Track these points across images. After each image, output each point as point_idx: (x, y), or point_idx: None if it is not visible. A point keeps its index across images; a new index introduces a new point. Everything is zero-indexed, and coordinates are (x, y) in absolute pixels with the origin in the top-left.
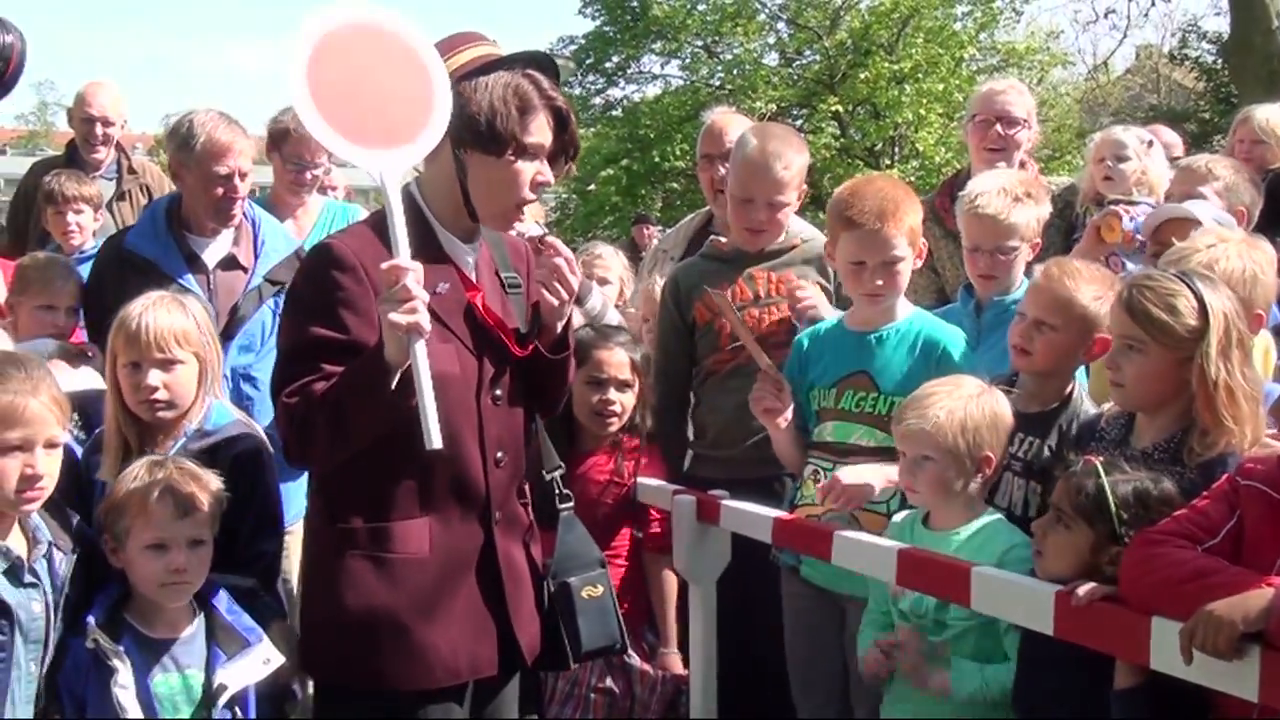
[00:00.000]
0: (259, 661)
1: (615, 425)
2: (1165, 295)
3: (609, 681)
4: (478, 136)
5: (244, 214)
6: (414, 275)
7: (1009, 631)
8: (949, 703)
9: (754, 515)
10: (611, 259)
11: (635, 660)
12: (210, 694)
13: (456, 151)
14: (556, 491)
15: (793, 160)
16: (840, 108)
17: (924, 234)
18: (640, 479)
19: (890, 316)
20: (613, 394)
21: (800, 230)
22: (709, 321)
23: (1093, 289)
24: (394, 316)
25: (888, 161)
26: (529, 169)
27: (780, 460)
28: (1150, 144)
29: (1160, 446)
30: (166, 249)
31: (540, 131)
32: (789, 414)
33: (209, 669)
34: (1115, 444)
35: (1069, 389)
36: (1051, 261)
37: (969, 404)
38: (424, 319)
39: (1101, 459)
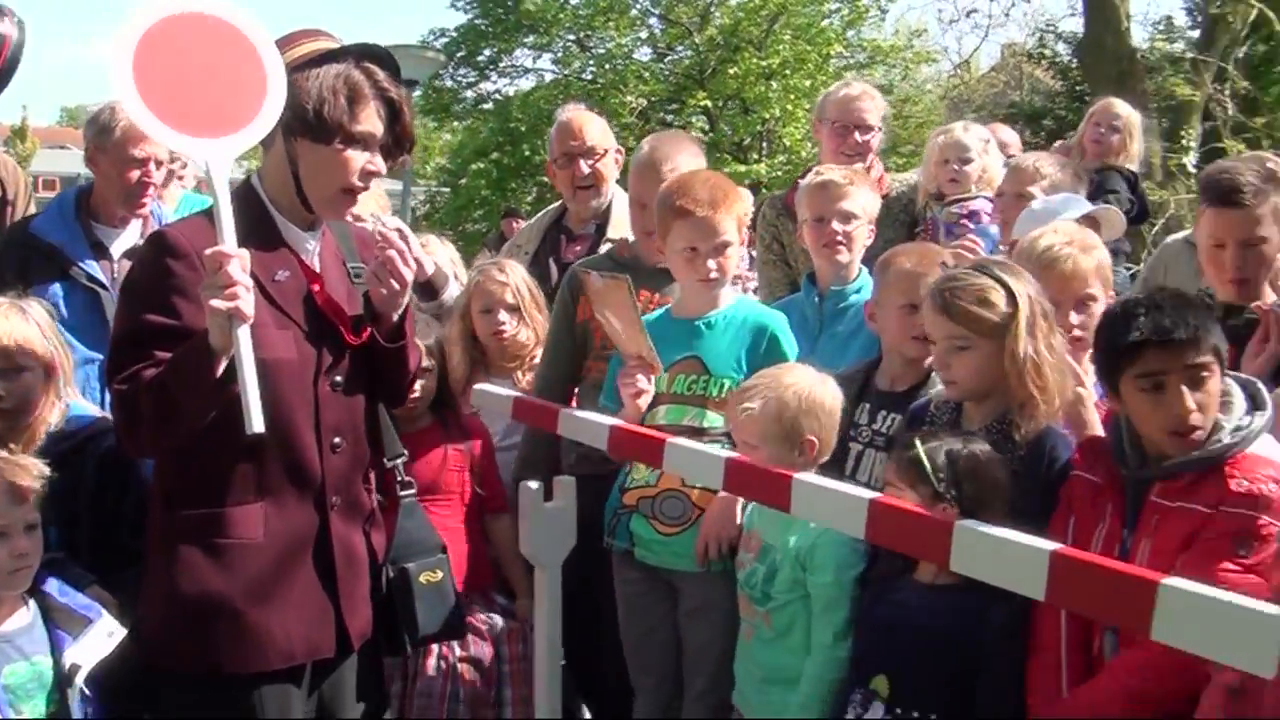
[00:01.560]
0: (104, 635)
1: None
2: (975, 291)
3: (474, 649)
4: (306, 125)
5: (151, 209)
6: (237, 262)
7: (826, 612)
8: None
9: (591, 423)
10: (438, 248)
11: (497, 619)
12: (65, 676)
13: (288, 140)
14: (399, 479)
15: (683, 163)
16: (709, 103)
17: (778, 229)
18: (478, 385)
19: (718, 303)
20: None
21: None
22: (585, 320)
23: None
24: (215, 302)
25: (755, 156)
26: (359, 158)
27: None
28: (988, 141)
29: (990, 429)
30: (73, 235)
31: (370, 121)
32: (650, 395)
33: (56, 652)
34: (947, 427)
35: (929, 367)
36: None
37: (785, 392)
38: (246, 305)
39: (921, 431)
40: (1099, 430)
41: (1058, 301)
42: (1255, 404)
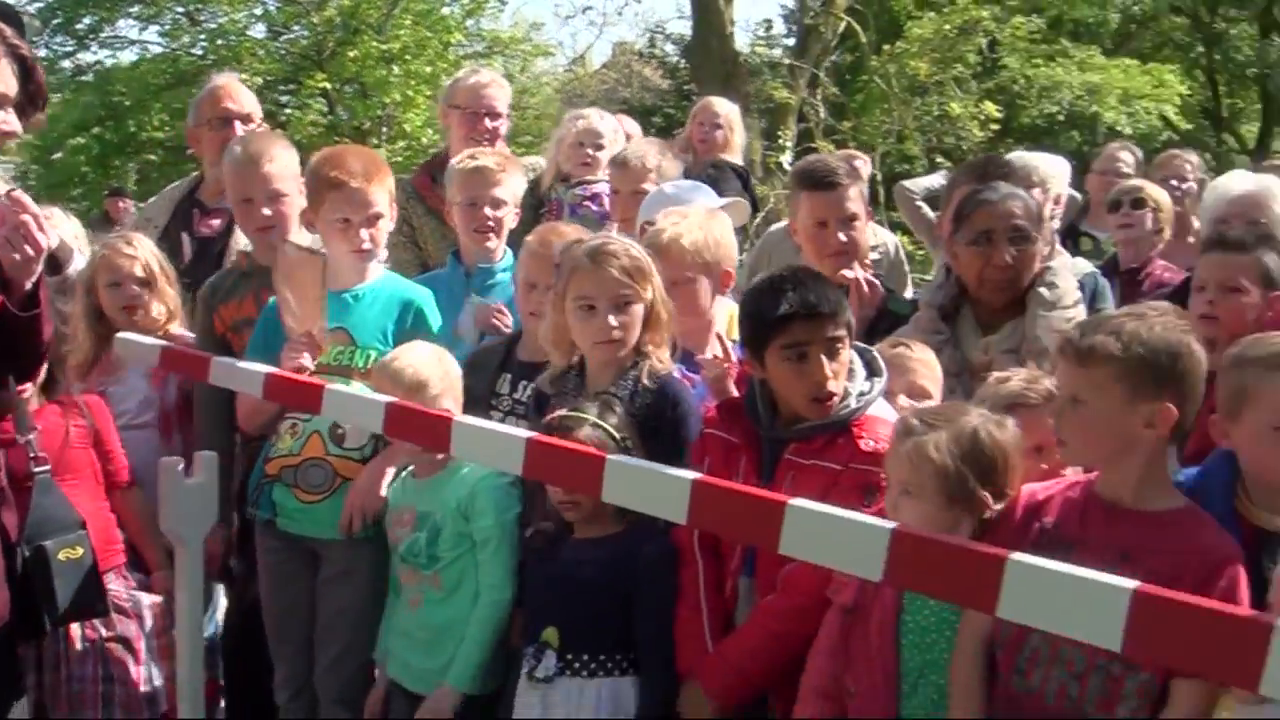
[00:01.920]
0: None
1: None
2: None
3: (120, 628)
4: None
5: None
6: None
7: (492, 553)
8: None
9: (246, 371)
10: (62, 222)
11: (141, 596)
12: None
13: None
14: (31, 455)
15: (279, 155)
16: (328, 85)
17: (408, 211)
18: (120, 334)
19: (366, 276)
20: None
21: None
22: (223, 333)
23: None
24: None
25: (375, 141)
26: None
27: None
28: (618, 131)
29: (617, 386)
30: None
31: (3, 79)
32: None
33: None
34: (576, 393)
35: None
36: None
37: (416, 359)
38: None
39: (564, 410)
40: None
41: (679, 279)
42: (872, 371)
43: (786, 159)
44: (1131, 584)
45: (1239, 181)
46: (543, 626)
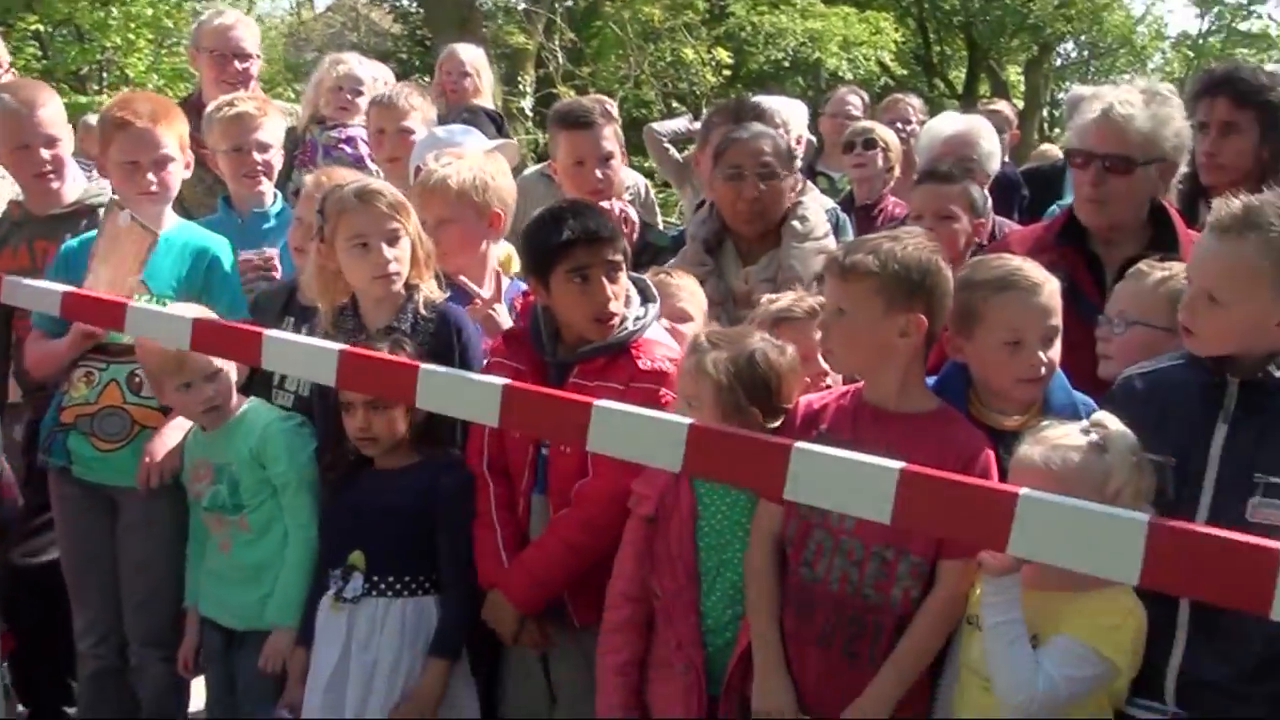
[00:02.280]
0: None
1: None
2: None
3: None
4: None
5: None
6: None
7: (292, 496)
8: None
9: (41, 290)
10: None
11: None
12: None
13: None
14: None
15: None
16: (41, 27)
17: None
18: None
19: (161, 223)
20: None
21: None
22: None
23: None
24: None
25: (96, 87)
26: None
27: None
28: (376, 79)
29: (397, 319)
30: None
31: None
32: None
33: None
34: (357, 331)
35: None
36: None
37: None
38: None
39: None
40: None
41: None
42: (646, 297)
43: (527, 104)
44: (898, 464)
45: (950, 123)
46: (347, 551)
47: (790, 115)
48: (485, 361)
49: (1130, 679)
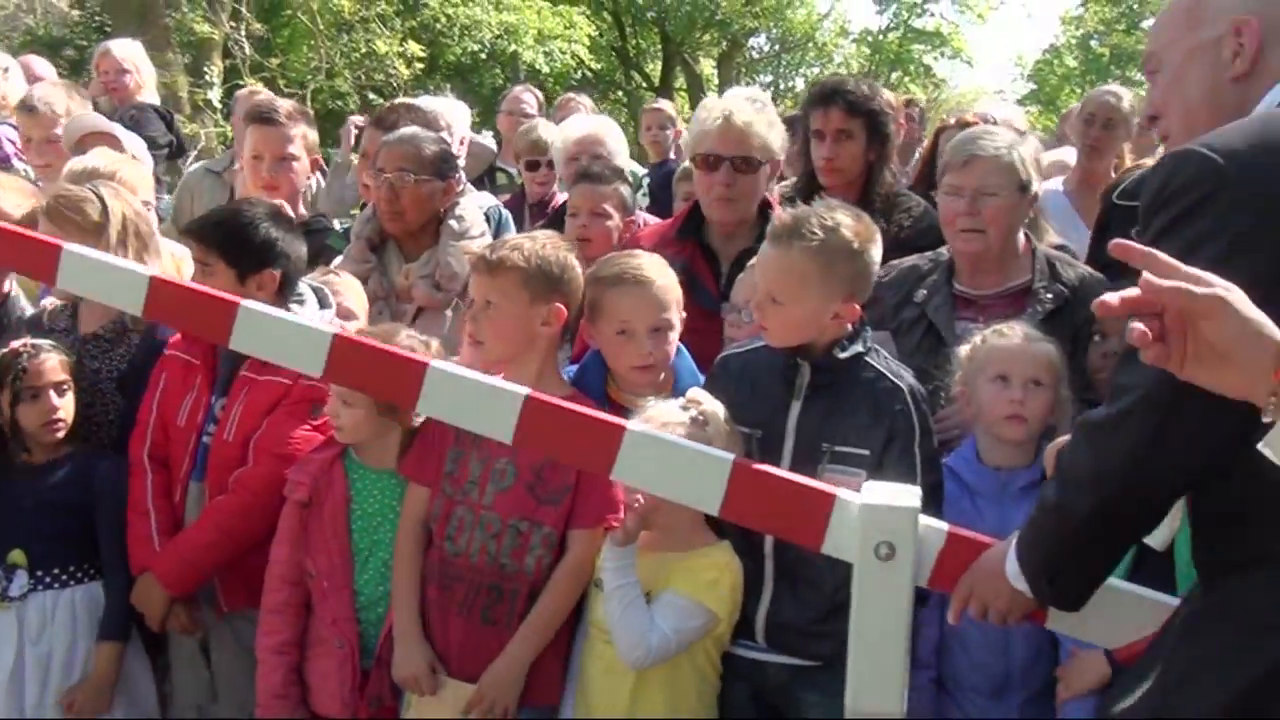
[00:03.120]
0: None
1: None
2: (74, 199)
3: None
4: None
5: None
6: None
7: None
8: None
9: None
10: None
11: None
12: None
13: None
14: None
15: None
16: None
17: None
18: None
19: None
20: None
21: None
22: None
23: None
24: None
25: None
26: None
27: None
28: (7, 70)
29: (104, 330)
30: None
31: None
32: None
33: None
34: (66, 332)
35: None
36: None
37: None
38: None
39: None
40: None
41: None
42: (323, 302)
43: (215, 95)
44: (524, 390)
45: (578, 126)
46: (6, 550)
47: (454, 117)
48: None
49: (731, 625)
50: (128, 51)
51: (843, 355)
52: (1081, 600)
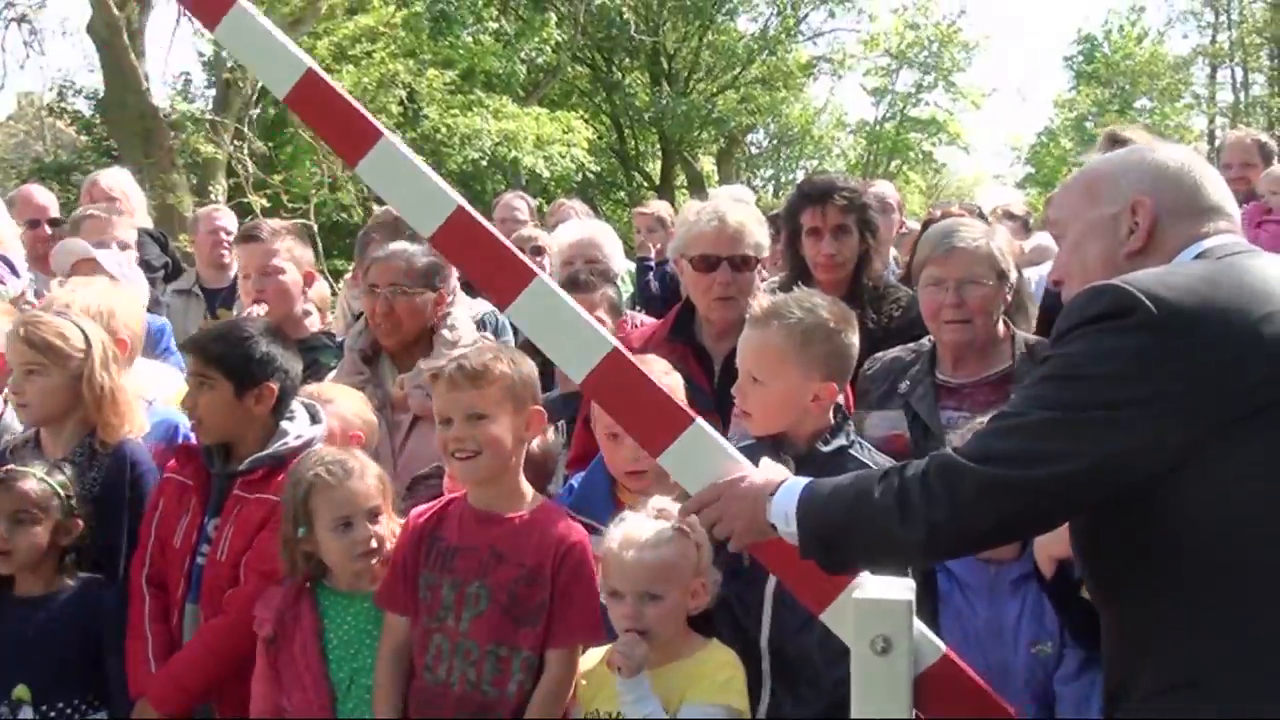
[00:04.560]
0: None
1: None
2: (55, 327)
3: None
4: None
5: None
6: None
7: None
8: None
9: None
10: None
11: None
12: None
13: None
14: None
15: None
16: None
17: None
18: None
19: None
20: None
21: None
22: None
23: None
24: None
25: None
26: None
27: None
28: None
29: (74, 452)
30: None
31: None
32: None
33: None
34: (29, 455)
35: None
36: None
37: None
38: None
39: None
40: None
41: None
42: (314, 419)
43: None
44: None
45: (572, 231)
46: (9, 686)
47: None
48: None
49: None
50: (115, 180)
51: (826, 449)
52: (845, 570)
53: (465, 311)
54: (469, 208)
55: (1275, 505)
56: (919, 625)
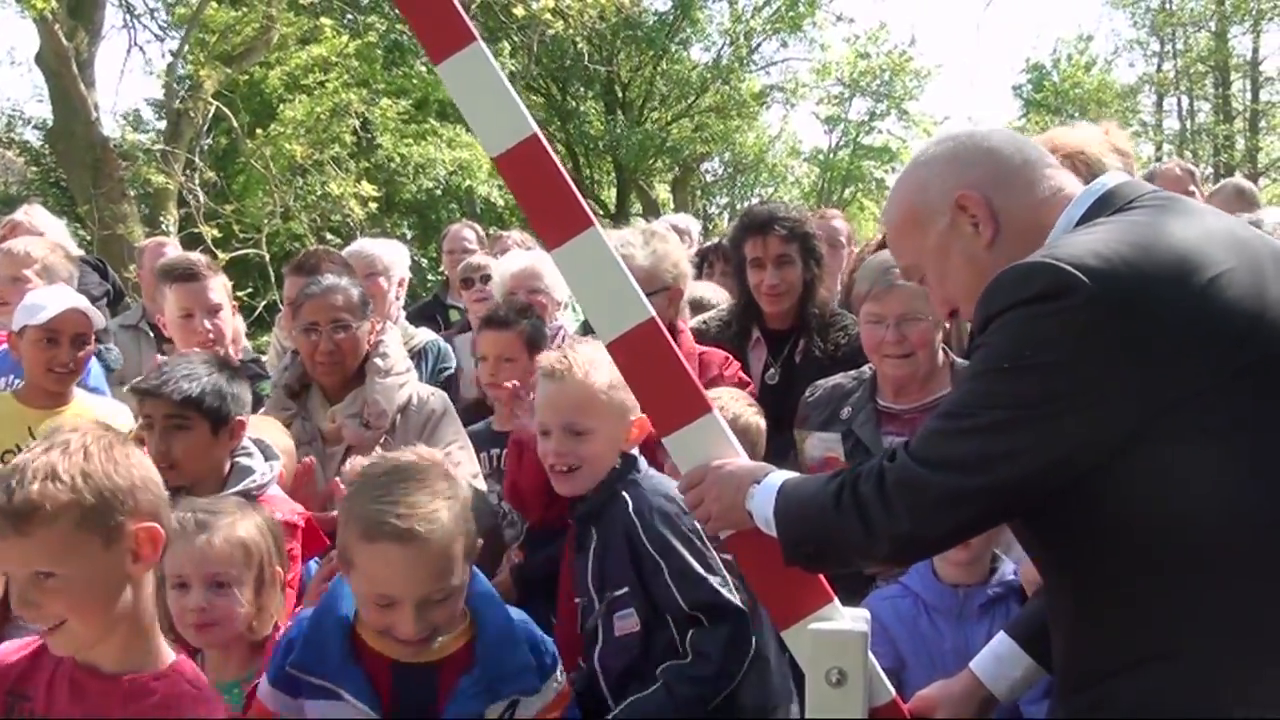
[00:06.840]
0: None
1: None
2: None
3: None
4: None
5: None
6: None
7: None
8: None
9: None
10: None
11: None
12: None
13: None
14: None
15: None
16: None
17: None
18: None
19: None
20: None
21: None
22: None
23: None
24: None
25: None
26: None
27: None
28: None
29: None
30: None
31: None
32: None
33: None
34: None
35: None
36: None
37: None
38: None
39: None
40: None
41: None
42: (267, 456)
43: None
44: None
45: (514, 261)
46: None
47: (391, 260)
48: None
49: None
50: (37, 219)
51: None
52: (822, 569)
53: (397, 337)
54: (543, 139)
55: (1231, 473)
56: (874, 663)
